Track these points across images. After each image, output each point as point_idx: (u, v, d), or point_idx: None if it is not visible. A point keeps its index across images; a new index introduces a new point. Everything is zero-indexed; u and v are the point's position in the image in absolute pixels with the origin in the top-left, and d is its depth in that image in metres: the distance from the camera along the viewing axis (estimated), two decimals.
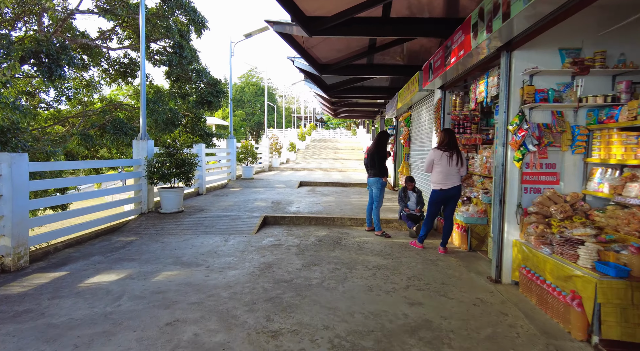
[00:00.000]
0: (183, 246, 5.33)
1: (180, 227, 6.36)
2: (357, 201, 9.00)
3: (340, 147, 32.47)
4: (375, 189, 6.19)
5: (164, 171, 6.94)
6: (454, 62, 4.74)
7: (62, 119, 10.34)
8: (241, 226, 6.44)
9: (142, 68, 7.09)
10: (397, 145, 12.00)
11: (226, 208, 7.79)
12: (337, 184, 12.59)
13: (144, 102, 7.17)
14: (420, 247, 5.39)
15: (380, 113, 17.63)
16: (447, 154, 5.01)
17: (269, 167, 18.22)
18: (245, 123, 66.27)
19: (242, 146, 13.21)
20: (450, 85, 6.23)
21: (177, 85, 11.11)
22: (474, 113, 6.36)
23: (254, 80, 68.87)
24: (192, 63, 10.92)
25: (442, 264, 4.67)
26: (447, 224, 5.19)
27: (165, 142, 7.10)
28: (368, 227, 6.50)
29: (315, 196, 9.92)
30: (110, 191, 6.38)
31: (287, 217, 6.97)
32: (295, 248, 5.26)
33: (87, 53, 10.91)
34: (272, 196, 9.61)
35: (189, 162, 7.24)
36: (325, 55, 7.88)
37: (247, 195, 9.80)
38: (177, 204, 7.19)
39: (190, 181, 7.29)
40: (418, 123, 8.63)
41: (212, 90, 10.93)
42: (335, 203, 8.59)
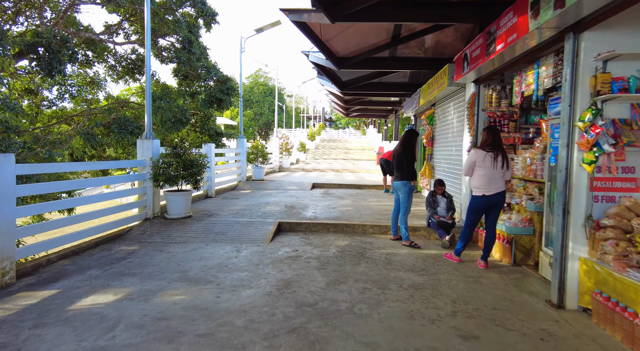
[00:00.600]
0: (190, 257, 4.77)
1: (188, 234, 5.82)
2: (376, 205, 8.38)
3: (350, 147, 31.83)
4: (402, 194, 5.58)
5: (170, 173, 6.41)
6: (500, 49, 4.11)
7: (66, 118, 9.90)
8: (254, 233, 5.87)
9: (147, 61, 6.56)
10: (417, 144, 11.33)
11: (237, 212, 7.23)
12: (352, 186, 11.98)
13: (149, 98, 6.65)
14: (457, 260, 4.76)
15: (395, 112, 16.99)
16: (492, 155, 4.38)
17: (279, 167, 17.68)
18: (253, 123, 66.01)
19: (253, 146, 12.68)
20: (485, 78, 5.58)
21: (185, 83, 10.60)
22: (512, 109, 5.71)
23: (262, 80, 68.62)
24: (201, 60, 10.40)
25: (487, 283, 4.05)
26: (489, 235, 4.56)
27: (172, 141, 6.57)
28: (393, 236, 5.89)
29: (330, 199, 9.33)
30: (112, 195, 5.87)
31: (303, 223, 6.38)
32: (315, 261, 4.66)
33: (92, 48, 10.46)
34: (285, 199, 9.04)
35: (197, 164, 6.70)
36: (344, 47, 7.29)
37: (259, 198, 9.25)
38: (184, 208, 6.65)
39: (198, 184, 6.75)
40: (444, 121, 7.98)
41: (222, 88, 10.40)
42: (353, 207, 7.99)
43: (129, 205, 6.18)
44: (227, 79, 10.46)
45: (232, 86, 10.49)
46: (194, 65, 10.13)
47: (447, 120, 7.68)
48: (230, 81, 10.52)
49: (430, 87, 7.76)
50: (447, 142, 7.67)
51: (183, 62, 9.99)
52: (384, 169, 10.88)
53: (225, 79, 10.41)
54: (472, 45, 5.05)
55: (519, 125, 5.75)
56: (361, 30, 6.56)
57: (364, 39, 6.98)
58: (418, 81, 10.42)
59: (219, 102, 10.35)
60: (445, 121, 7.87)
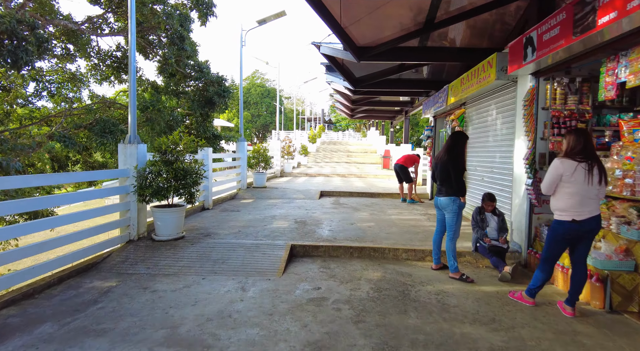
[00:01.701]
0: (182, 299, 3.63)
1: (180, 263, 4.67)
2: (400, 220, 7.26)
3: (352, 150, 30.75)
4: (448, 213, 4.46)
5: (159, 185, 5.26)
6: (607, 23, 3.00)
7: (42, 119, 8.72)
8: (262, 261, 4.72)
9: (131, 52, 5.41)
10: (435, 150, 10.25)
11: (239, 231, 6.08)
12: (364, 194, 10.85)
13: (133, 96, 5.50)
14: (531, 304, 3.64)
15: (405, 113, 15.91)
16: (585, 167, 3.27)
17: (280, 172, 16.53)
18: (250, 125, 64.93)
19: (254, 149, 11.53)
20: (550, 70, 4.49)
21: (173, 81, 9.45)
22: (582, 108, 4.62)
23: (259, 81, 67.59)
24: (193, 57, 9.27)
25: (592, 345, 2.93)
26: (578, 272, 3.44)
27: (161, 146, 5.42)
28: (435, 265, 4.76)
29: (344, 210, 8.19)
30: (86, 214, 4.71)
31: (320, 246, 5.24)
32: (347, 308, 3.53)
33: (73, 41, 9.28)
34: (293, 211, 7.89)
35: (192, 173, 5.55)
36: (365, 34, 6.18)
37: (263, 210, 8.09)
38: (176, 228, 5.49)
39: (193, 198, 5.60)
40: (481, 123, 6.88)
41: (217, 89, 9.26)
42: (374, 223, 6.85)
43: (107, 226, 5.01)
44: (222, 80, 9.33)
45: (227, 88, 9.35)
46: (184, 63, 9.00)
47: (487, 121, 6.58)
48: (224, 81, 9.39)
49: (464, 83, 6.66)
50: (486, 147, 6.56)
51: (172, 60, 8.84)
52: (400, 176, 9.78)
53: (219, 80, 9.27)
54: (544, 24, 3.94)
55: (591, 127, 4.66)
56: (389, 12, 5.46)
57: (391, 24, 5.88)
58: (440, 77, 9.34)
59: (212, 104, 9.21)
60: (483, 122, 6.76)
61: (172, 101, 10.49)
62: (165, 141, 5.49)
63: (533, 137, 4.72)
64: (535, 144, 4.73)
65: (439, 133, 10.21)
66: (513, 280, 4.33)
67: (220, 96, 9.13)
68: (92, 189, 4.83)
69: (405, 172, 9.72)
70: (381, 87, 9.69)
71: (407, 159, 9.85)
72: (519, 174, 5.09)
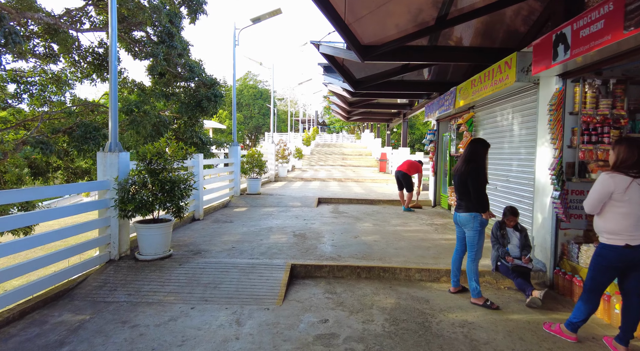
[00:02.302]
0: (167, 339, 3.08)
1: (166, 288, 4.11)
2: (406, 231, 6.76)
3: (347, 152, 30.28)
4: (469, 231, 3.97)
5: (143, 198, 4.69)
6: None
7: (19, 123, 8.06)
8: (259, 285, 4.18)
9: (111, 49, 4.83)
10: (438, 154, 9.80)
11: (233, 247, 5.52)
12: (363, 201, 10.35)
13: (114, 97, 4.92)
14: (573, 339, 3.15)
15: (403, 115, 15.47)
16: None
17: (275, 177, 15.97)
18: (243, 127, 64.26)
19: (248, 154, 10.96)
20: (577, 71, 4.04)
21: (162, 82, 8.86)
22: (617, 113, 4.17)
23: (252, 82, 67.00)
24: (184, 56, 8.69)
25: None
26: (632, 305, 2.96)
27: (146, 154, 4.85)
28: (454, 287, 4.26)
29: (345, 220, 7.68)
30: (59, 234, 4.12)
31: (324, 266, 4.71)
32: (362, 348, 3.00)
33: (54, 39, 8.65)
34: (291, 222, 7.35)
35: (181, 182, 4.98)
36: (371, 32, 5.68)
37: (258, 220, 7.54)
38: (162, 245, 4.92)
39: (182, 212, 5.04)
40: (493, 128, 6.43)
41: (207, 93, 8.69)
42: (379, 236, 6.35)
43: (83, 245, 4.42)
44: (214, 83, 8.76)
45: (219, 92, 8.78)
46: (174, 62, 8.41)
47: (501, 126, 6.12)
48: (216, 84, 8.82)
49: (475, 85, 6.20)
50: (500, 154, 6.10)
51: (160, 59, 8.25)
52: (400, 184, 9.30)
53: (211, 83, 8.70)
54: (581, 18, 3.47)
55: (626, 133, 4.21)
56: (397, 8, 4.97)
57: (398, 21, 5.39)
58: (444, 79, 8.89)
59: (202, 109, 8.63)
60: (496, 127, 6.30)
61: (160, 103, 9.89)
62: (150, 149, 4.92)
63: (560, 145, 4.26)
64: (562, 153, 4.27)
65: (442, 137, 9.76)
66: (542, 305, 3.85)
67: (210, 100, 8.54)
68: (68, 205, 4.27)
69: (408, 181, 9.25)
70: (382, 89, 9.21)
71: (410, 166, 9.37)
72: (543, 184, 4.63)
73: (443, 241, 6.01)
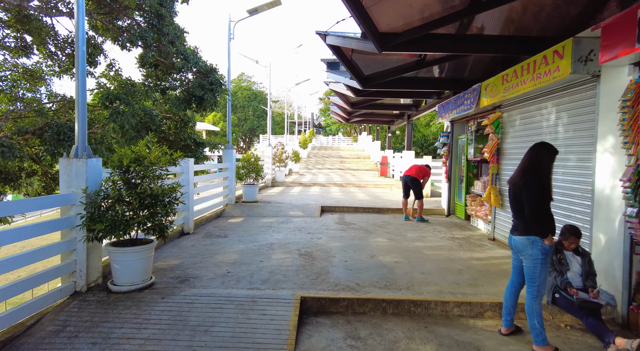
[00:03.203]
0: None
1: (144, 332, 3.19)
2: (428, 248, 5.91)
3: (345, 155, 29.45)
4: (528, 260, 3.13)
5: (117, 216, 3.77)
6: None
7: None
8: (261, 329, 3.28)
9: (78, 26, 3.91)
10: (453, 159, 8.98)
11: (228, 271, 4.61)
12: (371, 209, 9.48)
13: (82, 90, 4.01)
14: None
15: (408, 117, 14.67)
16: None
17: (272, 182, 15.06)
18: (237, 129, 63.29)
19: (244, 158, 10.04)
20: None
21: (154, 74, 7.92)
22: None
23: (245, 84, 66.11)
24: (176, 43, 7.75)
25: None
26: None
27: (122, 160, 3.93)
28: (506, 328, 3.41)
29: (354, 234, 6.80)
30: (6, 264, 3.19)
31: (341, 300, 3.83)
32: None
33: (27, 28, 7.69)
34: (294, 236, 6.47)
35: (165, 196, 4.08)
36: (391, 17, 4.84)
37: (256, 234, 6.64)
38: (141, 273, 4.00)
39: (165, 232, 4.13)
40: (529, 129, 5.60)
41: (203, 82, 7.76)
42: (399, 255, 5.48)
43: (40, 277, 3.49)
44: (211, 70, 7.82)
45: (217, 80, 7.85)
46: (166, 50, 7.48)
47: (539, 128, 5.30)
48: (215, 72, 7.88)
49: (509, 80, 5.37)
50: None
51: (150, 46, 7.33)
52: (407, 190, 8.46)
53: (208, 70, 7.77)
54: None
55: None
56: None
57: (424, 4, 4.54)
58: (461, 76, 8.08)
59: (200, 100, 7.69)
60: (532, 129, 5.48)
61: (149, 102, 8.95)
62: (127, 154, 4.01)
63: (637, 150, 3.43)
64: (639, 161, 3.44)
65: (456, 140, 8.94)
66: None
67: (209, 90, 7.58)
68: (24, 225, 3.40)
69: (417, 186, 8.42)
70: (392, 87, 8.36)
71: (418, 170, 8.55)
72: (607, 198, 3.80)
73: (475, 262, 5.16)
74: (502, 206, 6.28)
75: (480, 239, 6.61)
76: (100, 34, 8.45)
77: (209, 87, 7.61)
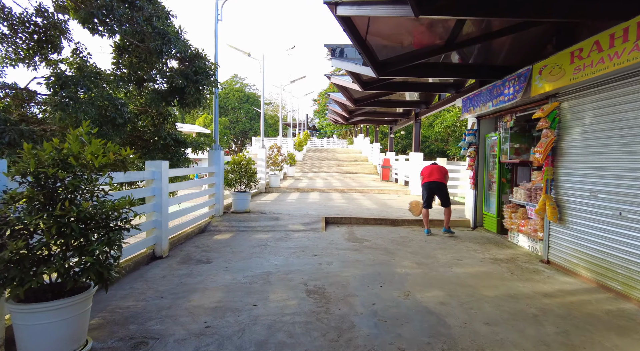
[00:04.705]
0: None
1: None
2: (472, 276, 4.53)
3: (341, 158, 28.09)
4: None
5: (16, 255, 2.32)
6: None
7: None
8: None
9: None
10: (479, 161, 7.65)
11: (206, 326, 3.16)
12: (383, 220, 8.08)
13: None
14: None
15: (416, 116, 13.34)
16: None
17: (265, 187, 13.60)
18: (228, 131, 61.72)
19: (234, 161, 8.58)
20: None
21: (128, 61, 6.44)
22: None
23: (238, 86, 64.70)
24: (153, 20, 6.30)
25: None
26: None
27: (28, 164, 2.49)
28: None
29: (372, 255, 5.40)
30: None
31: None
32: None
33: None
34: (297, 261, 5.04)
35: (109, 218, 2.64)
36: None
37: (248, 259, 5.20)
38: (66, 341, 2.54)
39: (109, 274, 2.67)
40: (608, 122, 4.24)
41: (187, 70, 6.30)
42: (439, 287, 4.08)
43: None
44: (197, 56, 6.34)
45: (205, 68, 6.38)
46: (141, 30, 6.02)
47: (623, 121, 3.95)
48: (202, 58, 6.40)
49: (582, 57, 4.03)
50: (631, 162, 3.89)
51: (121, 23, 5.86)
52: (430, 198, 7.11)
53: (193, 56, 6.29)
54: None
55: None
56: None
57: None
58: (494, 61, 6.77)
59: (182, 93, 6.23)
60: (614, 122, 4.12)
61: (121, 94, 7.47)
62: (45, 152, 2.57)
63: None
64: None
65: (484, 140, 7.62)
66: None
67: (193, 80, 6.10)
68: None
69: (446, 193, 7.09)
70: (412, 75, 6.99)
71: (442, 173, 7.22)
72: None
73: (546, 301, 3.78)
74: (562, 221, 4.93)
75: (530, 262, 5.26)
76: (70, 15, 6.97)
77: (192, 78, 6.13)
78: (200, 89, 6.45)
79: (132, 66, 6.36)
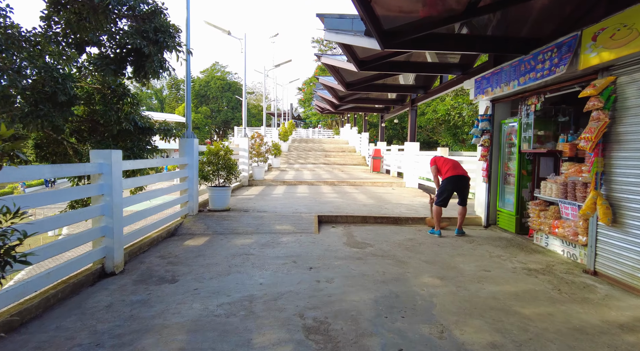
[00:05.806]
0: None
1: None
2: (511, 296, 3.55)
3: (328, 149, 26.98)
4: None
5: None
6: None
7: None
8: None
9: None
10: (494, 151, 6.70)
11: None
12: (383, 219, 7.06)
13: None
14: None
15: (412, 102, 12.31)
16: None
17: (249, 180, 12.40)
18: (210, 121, 59.74)
19: (210, 151, 7.37)
20: None
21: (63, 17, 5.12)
22: None
23: (219, 74, 62.54)
24: None
25: None
26: None
27: None
28: None
29: (378, 266, 4.37)
30: None
31: None
32: None
33: None
34: (287, 279, 3.96)
35: None
36: None
37: (224, 276, 4.08)
38: None
39: None
40: None
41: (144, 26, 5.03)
42: (480, 317, 3.08)
43: None
44: (155, 12, 5.08)
45: (166, 26, 5.14)
46: None
47: None
48: (160, 14, 5.15)
49: None
50: None
51: None
52: (451, 194, 6.14)
53: (149, 12, 5.03)
54: None
55: None
56: None
57: None
58: (517, 33, 5.76)
59: (139, 57, 4.99)
60: None
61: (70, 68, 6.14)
62: None
63: None
64: None
65: (499, 126, 6.66)
66: None
67: (153, 41, 4.86)
68: None
69: (461, 188, 6.13)
70: (423, 48, 5.90)
71: (461, 167, 6.26)
72: None
73: (630, 338, 2.82)
74: (616, 224, 3.99)
75: (571, 272, 4.33)
76: None
77: (153, 37, 4.90)
78: (161, 52, 5.20)
79: (70, 25, 5.04)
